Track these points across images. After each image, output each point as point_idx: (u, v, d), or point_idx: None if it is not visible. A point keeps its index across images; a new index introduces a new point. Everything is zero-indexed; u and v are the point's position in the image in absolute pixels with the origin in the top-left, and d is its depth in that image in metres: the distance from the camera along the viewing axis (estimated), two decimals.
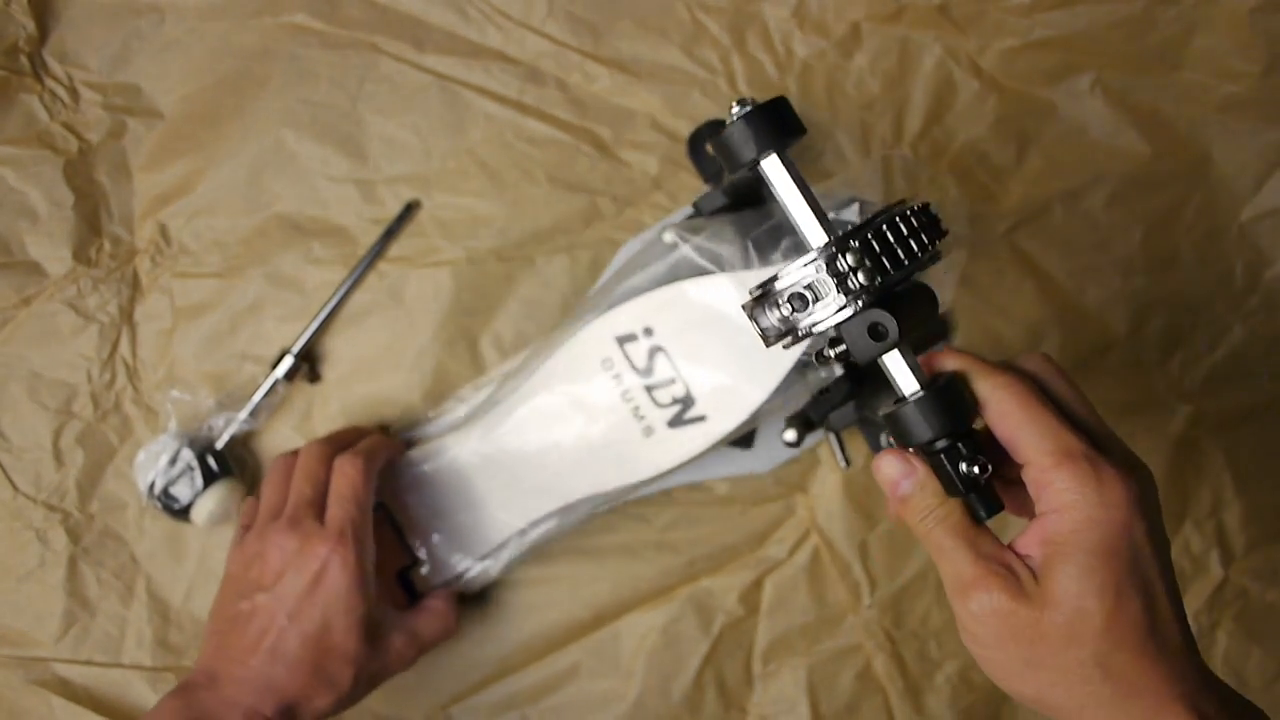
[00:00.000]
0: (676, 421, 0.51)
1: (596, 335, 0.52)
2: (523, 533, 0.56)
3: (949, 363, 0.38)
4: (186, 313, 0.60)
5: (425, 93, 0.59)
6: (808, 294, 0.34)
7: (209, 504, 0.57)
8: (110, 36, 0.58)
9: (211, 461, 0.58)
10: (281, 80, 0.59)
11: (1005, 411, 0.36)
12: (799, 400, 0.53)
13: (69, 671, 0.59)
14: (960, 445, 0.36)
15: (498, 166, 0.59)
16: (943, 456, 0.36)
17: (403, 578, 0.57)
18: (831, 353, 0.35)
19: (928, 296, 0.37)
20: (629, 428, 0.52)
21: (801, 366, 0.49)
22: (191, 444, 0.58)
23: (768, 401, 0.49)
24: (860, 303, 0.33)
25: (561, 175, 0.59)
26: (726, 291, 0.49)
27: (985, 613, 0.35)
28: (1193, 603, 0.62)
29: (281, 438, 0.61)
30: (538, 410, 0.54)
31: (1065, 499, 0.35)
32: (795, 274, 0.34)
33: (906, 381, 0.36)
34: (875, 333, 0.34)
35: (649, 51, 0.58)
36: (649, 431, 0.51)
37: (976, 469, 0.35)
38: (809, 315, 0.34)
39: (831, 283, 0.33)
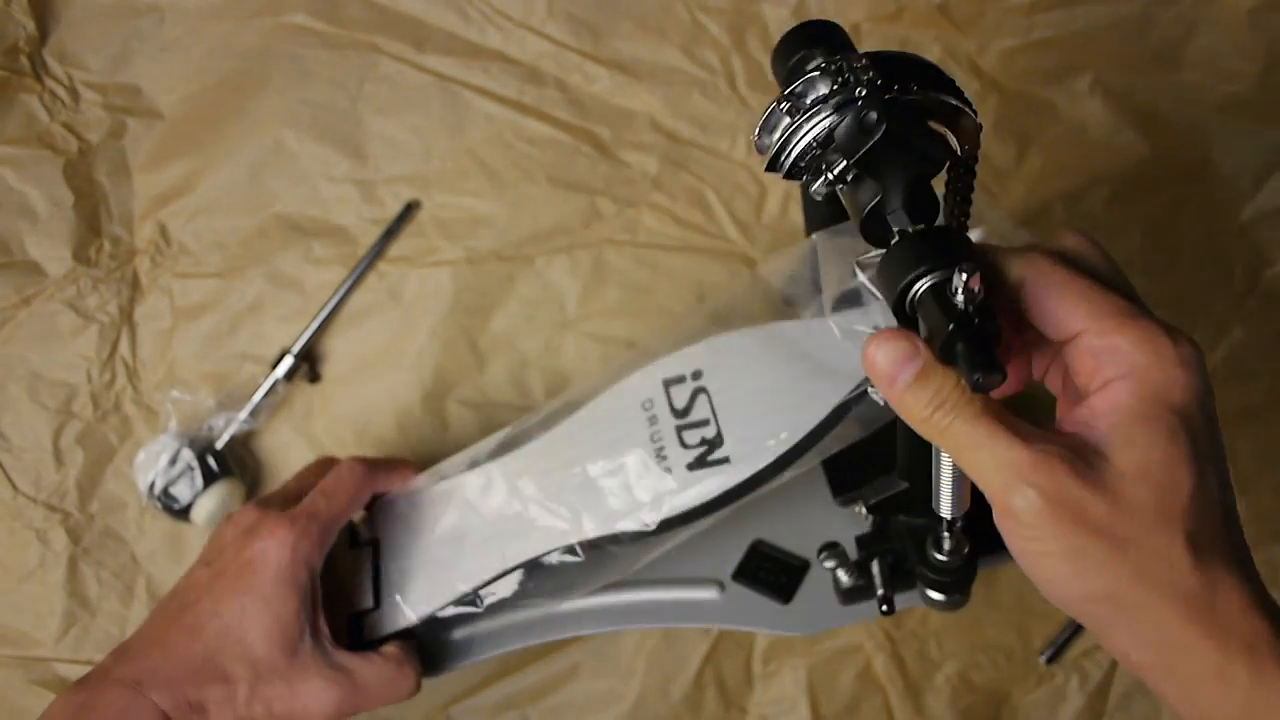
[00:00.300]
0: (697, 464, 0.47)
1: (647, 376, 0.49)
2: (510, 600, 0.49)
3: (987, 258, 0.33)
4: (186, 313, 0.60)
5: (425, 93, 0.59)
6: (809, 103, 0.32)
7: (209, 504, 0.57)
8: (110, 37, 0.58)
9: (211, 461, 0.58)
10: (281, 80, 0.59)
11: (1047, 282, 0.31)
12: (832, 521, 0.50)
13: (70, 671, 0.59)
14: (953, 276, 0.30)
15: (497, 167, 0.59)
16: (930, 292, 0.30)
17: (353, 621, 0.49)
18: (831, 174, 0.32)
19: (940, 141, 0.33)
20: (647, 468, 0.48)
21: (835, 419, 0.45)
22: (191, 444, 0.58)
23: (794, 450, 0.45)
24: (856, 102, 0.31)
25: (561, 175, 0.59)
26: (785, 338, 0.47)
27: (1047, 503, 0.29)
28: None
29: (281, 438, 0.61)
30: (560, 442, 0.50)
31: (1138, 359, 0.30)
32: (800, 83, 0.32)
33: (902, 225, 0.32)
34: (863, 125, 0.31)
35: (649, 52, 0.59)
36: (666, 472, 0.47)
37: (967, 275, 0.29)
38: (807, 119, 0.32)
39: (832, 87, 0.32)
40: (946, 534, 0.42)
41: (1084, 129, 0.59)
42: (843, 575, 0.46)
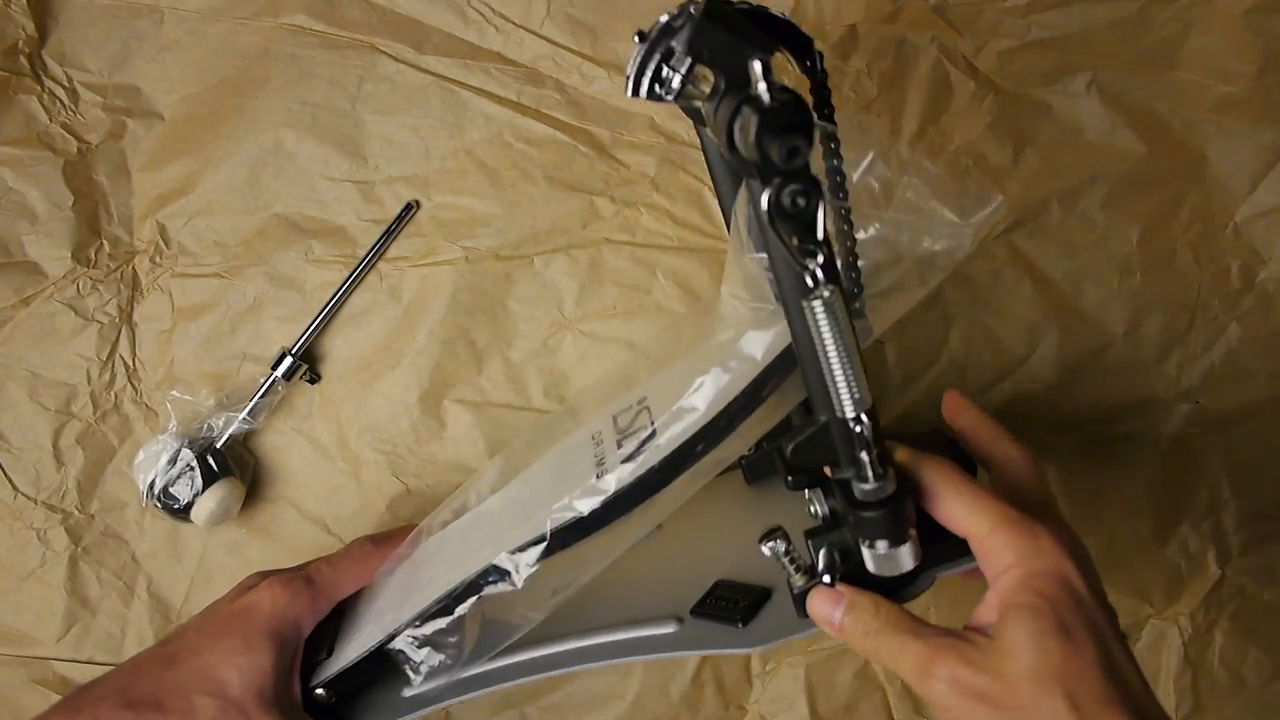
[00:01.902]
0: (631, 456, 0.47)
1: (601, 418, 0.51)
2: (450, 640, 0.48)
3: (897, 455, 0.42)
4: (186, 313, 0.60)
5: (424, 93, 0.59)
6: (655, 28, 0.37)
7: (209, 504, 0.57)
8: (110, 37, 0.58)
9: (211, 461, 0.58)
10: (281, 81, 0.59)
11: (945, 490, 0.40)
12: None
13: (70, 670, 0.60)
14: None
15: (496, 167, 0.60)
16: (748, 109, 0.33)
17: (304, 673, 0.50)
18: (680, 71, 0.37)
19: (760, 32, 0.37)
20: (586, 472, 0.48)
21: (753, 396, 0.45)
22: (191, 444, 0.58)
23: (710, 422, 0.44)
24: (690, 13, 0.36)
25: (560, 176, 0.60)
26: (719, 344, 0.49)
27: (950, 684, 0.37)
28: (1189, 602, 0.63)
29: (281, 437, 0.61)
30: (515, 492, 0.51)
31: (1007, 559, 0.38)
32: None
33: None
34: (693, 19, 0.36)
35: None
36: (603, 472, 0.47)
37: (760, 65, 0.33)
38: (652, 39, 0.37)
39: (672, 12, 0.37)
40: (865, 455, 0.39)
41: (1081, 129, 0.59)
42: (794, 576, 0.44)
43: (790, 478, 0.45)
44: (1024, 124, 0.59)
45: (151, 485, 0.58)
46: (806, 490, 0.44)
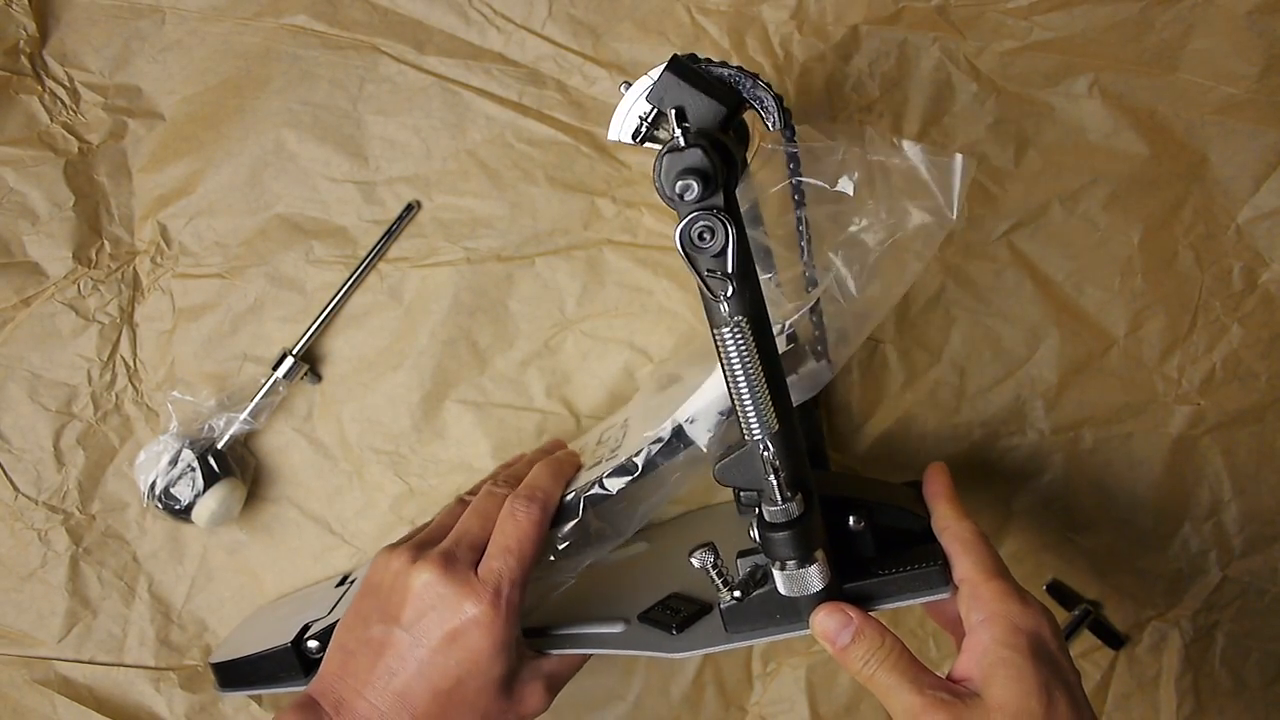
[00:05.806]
0: (593, 464, 0.53)
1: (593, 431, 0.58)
2: None
3: (933, 479, 0.50)
4: (187, 313, 0.60)
5: (426, 94, 0.59)
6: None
7: (210, 504, 0.57)
8: (111, 37, 0.58)
9: (212, 462, 0.58)
10: (282, 81, 0.59)
11: (962, 539, 0.46)
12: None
13: (71, 671, 0.60)
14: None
15: (498, 167, 0.59)
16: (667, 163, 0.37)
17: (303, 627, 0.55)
18: (647, 120, 0.41)
19: (719, 89, 0.41)
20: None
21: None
22: (192, 444, 0.58)
23: (654, 445, 0.50)
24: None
25: (561, 176, 0.60)
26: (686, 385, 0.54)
27: None
28: (1191, 604, 0.63)
29: (282, 438, 0.61)
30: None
31: (995, 608, 0.42)
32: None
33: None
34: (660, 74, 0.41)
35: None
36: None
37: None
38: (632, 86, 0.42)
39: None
40: (772, 479, 0.42)
41: (1082, 130, 0.59)
42: (721, 590, 0.46)
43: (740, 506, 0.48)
44: (1026, 125, 0.59)
45: (152, 486, 0.58)
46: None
